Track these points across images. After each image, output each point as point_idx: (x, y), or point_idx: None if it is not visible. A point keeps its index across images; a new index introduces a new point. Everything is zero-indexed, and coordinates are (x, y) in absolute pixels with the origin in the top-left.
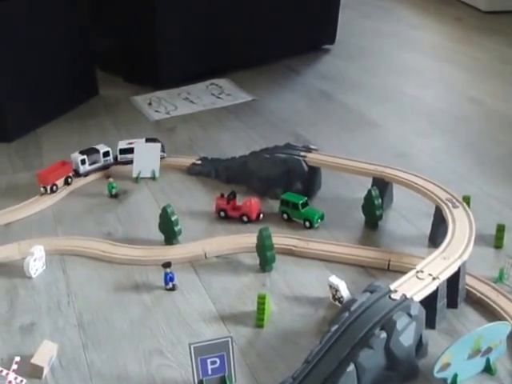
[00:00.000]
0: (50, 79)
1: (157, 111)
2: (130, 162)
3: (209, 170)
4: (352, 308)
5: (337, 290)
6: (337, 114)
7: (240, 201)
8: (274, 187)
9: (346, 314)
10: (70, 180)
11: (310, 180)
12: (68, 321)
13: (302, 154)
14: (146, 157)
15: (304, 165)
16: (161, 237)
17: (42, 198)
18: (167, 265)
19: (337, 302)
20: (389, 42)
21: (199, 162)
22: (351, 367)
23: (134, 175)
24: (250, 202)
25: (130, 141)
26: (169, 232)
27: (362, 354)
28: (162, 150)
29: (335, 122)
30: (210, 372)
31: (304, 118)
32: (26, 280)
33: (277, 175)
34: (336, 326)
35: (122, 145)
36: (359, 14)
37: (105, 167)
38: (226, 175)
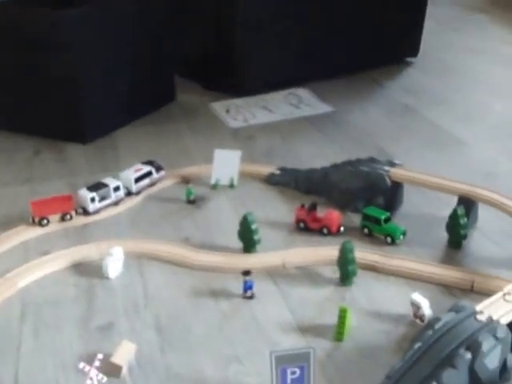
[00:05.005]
0: (129, 83)
1: (235, 119)
2: (145, 189)
3: (288, 180)
4: (436, 326)
5: (419, 308)
6: (421, 129)
7: (319, 213)
8: (355, 201)
9: (430, 332)
10: (68, 217)
11: (392, 195)
12: (145, 323)
13: (386, 168)
14: (225, 164)
15: (387, 180)
16: (238, 245)
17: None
18: (247, 273)
19: (418, 320)
20: (478, 57)
21: (278, 171)
22: None
23: (213, 182)
24: (331, 215)
25: (135, 167)
26: (248, 240)
27: (446, 374)
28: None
29: (419, 137)
30: (288, 382)
31: (386, 132)
32: (104, 280)
33: (358, 189)
34: (419, 344)
35: (131, 174)
36: (448, 28)
37: (116, 203)
38: (305, 186)
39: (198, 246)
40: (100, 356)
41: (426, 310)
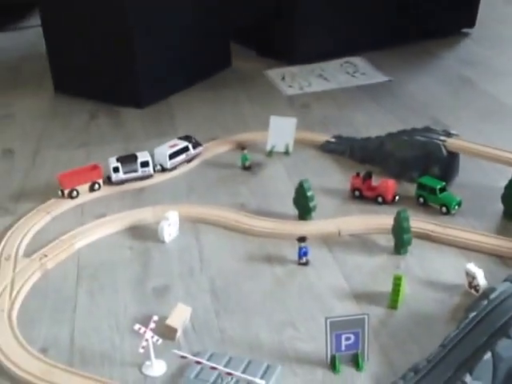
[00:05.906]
0: (185, 48)
1: (290, 86)
2: (179, 165)
3: (343, 149)
4: (491, 296)
5: (474, 278)
6: (478, 101)
7: (374, 181)
8: (410, 170)
9: (485, 302)
10: (97, 186)
11: (448, 165)
12: (200, 287)
13: (442, 138)
14: (281, 131)
15: (443, 149)
16: (293, 212)
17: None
18: (302, 239)
19: (473, 290)
20: None
21: (333, 139)
22: (488, 355)
23: (268, 148)
24: (386, 184)
25: (170, 143)
26: (303, 207)
27: (500, 343)
28: (195, 145)
29: (476, 109)
30: (343, 348)
31: (442, 103)
32: (160, 244)
33: (414, 158)
34: (474, 313)
35: (166, 150)
36: (506, 1)
37: (142, 178)
38: (360, 155)
39: (253, 212)
40: (155, 318)
41: (481, 280)
